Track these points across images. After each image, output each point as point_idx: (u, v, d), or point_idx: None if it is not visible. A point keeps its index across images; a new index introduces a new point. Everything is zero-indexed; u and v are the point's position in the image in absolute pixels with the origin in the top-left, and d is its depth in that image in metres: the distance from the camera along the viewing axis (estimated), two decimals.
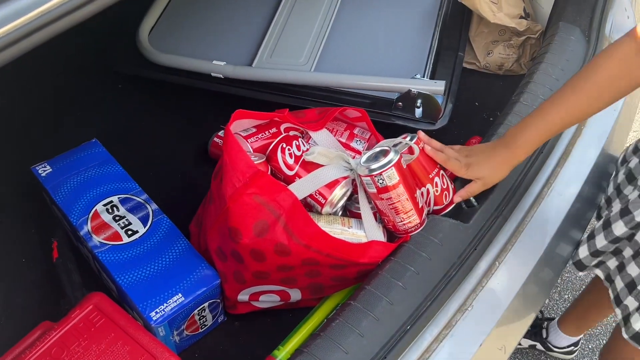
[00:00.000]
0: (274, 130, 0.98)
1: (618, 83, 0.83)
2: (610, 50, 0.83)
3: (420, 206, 0.91)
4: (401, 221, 0.91)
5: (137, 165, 1.20)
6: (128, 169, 1.18)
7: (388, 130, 1.10)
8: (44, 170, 1.16)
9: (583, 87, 0.84)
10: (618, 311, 0.98)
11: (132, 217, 1.09)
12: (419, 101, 1.23)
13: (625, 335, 0.97)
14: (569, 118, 0.87)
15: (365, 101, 1.30)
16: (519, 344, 1.62)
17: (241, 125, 0.97)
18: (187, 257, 1.04)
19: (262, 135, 0.97)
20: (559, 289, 1.79)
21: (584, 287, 1.63)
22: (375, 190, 0.89)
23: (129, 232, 1.07)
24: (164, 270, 1.02)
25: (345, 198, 0.95)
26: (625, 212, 0.95)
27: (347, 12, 1.48)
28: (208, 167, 1.38)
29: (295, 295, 1.03)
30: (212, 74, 1.36)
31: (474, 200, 0.97)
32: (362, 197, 0.93)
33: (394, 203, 0.89)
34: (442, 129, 1.28)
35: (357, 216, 0.96)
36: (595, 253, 1.00)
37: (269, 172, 0.93)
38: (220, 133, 1.36)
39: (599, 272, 1.05)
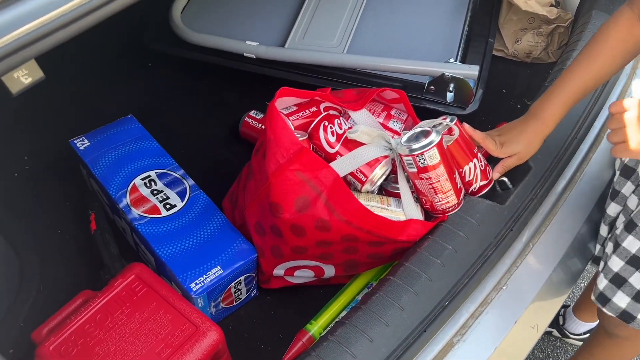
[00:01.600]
0: (314, 109, 1.00)
1: (626, 46, 0.92)
2: (615, 18, 0.93)
3: (458, 187, 0.93)
4: (439, 201, 0.93)
5: (168, 143, 1.22)
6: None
7: (418, 113, 1.11)
8: (82, 144, 1.18)
9: (598, 53, 0.93)
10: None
11: (169, 192, 1.11)
12: (452, 85, 1.24)
13: (592, 297, 1.00)
14: (588, 83, 0.94)
15: (396, 84, 1.31)
16: None
17: (283, 103, 0.98)
18: (224, 231, 1.07)
19: (303, 113, 0.99)
20: None
21: None
22: (415, 170, 0.90)
23: (167, 206, 1.09)
24: (203, 243, 1.04)
25: (384, 177, 0.97)
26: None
27: None
28: (238, 147, 1.41)
29: (329, 271, 1.05)
30: (245, 54, 1.37)
31: (508, 182, 0.99)
32: (401, 177, 0.95)
33: (433, 183, 0.91)
34: (471, 115, 1.30)
35: (394, 195, 0.98)
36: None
37: (311, 150, 0.95)
38: (252, 113, 1.38)
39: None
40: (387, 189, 1.01)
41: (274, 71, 1.37)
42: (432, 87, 1.26)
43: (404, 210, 0.94)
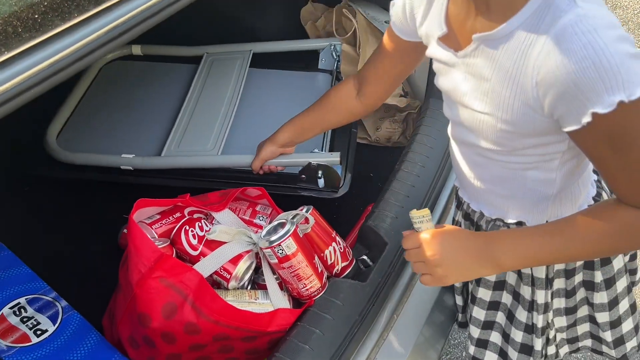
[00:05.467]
0: (178, 214, 1.04)
1: (341, 111, 1.11)
2: (339, 86, 1.10)
3: (320, 271, 0.99)
4: (304, 287, 0.97)
5: (49, 266, 1.20)
6: (38, 269, 1.17)
7: (295, 201, 1.18)
8: None
9: (323, 120, 1.15)
10: None
11: (40, 317, 1.08)
12: (320, 172, 1.34)
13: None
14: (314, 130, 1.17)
15: (272, 176, 1.39)
16: None
17: (145, 213, 1.02)
18: (99, 349, 1.04)
19: (166, 220, 1.03)
20: None
21: None
22: (276, 260, 0.96)
23: (38, 332, 1.05)
24: None
25: (250, 271, 1.01)
26: None
27: (251, 95, 1.60)
28: (118, 260, 1.40)
29: None
30: (122, 167, 1.41)
31: (369, 260, 1.06)
32: (266, 268, 0.99)
33: (295, 270, 0.96)
34: (343, 198, 1.39)
35: (265, 288, 1.02)
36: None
37: (174, 255, 0.98)
38: None
39: None
40: (258, 283, 1.05)
41: (150, 179, 1.40)
42: (303, 175, 1.34)
43: (271, 301, 0.97)
